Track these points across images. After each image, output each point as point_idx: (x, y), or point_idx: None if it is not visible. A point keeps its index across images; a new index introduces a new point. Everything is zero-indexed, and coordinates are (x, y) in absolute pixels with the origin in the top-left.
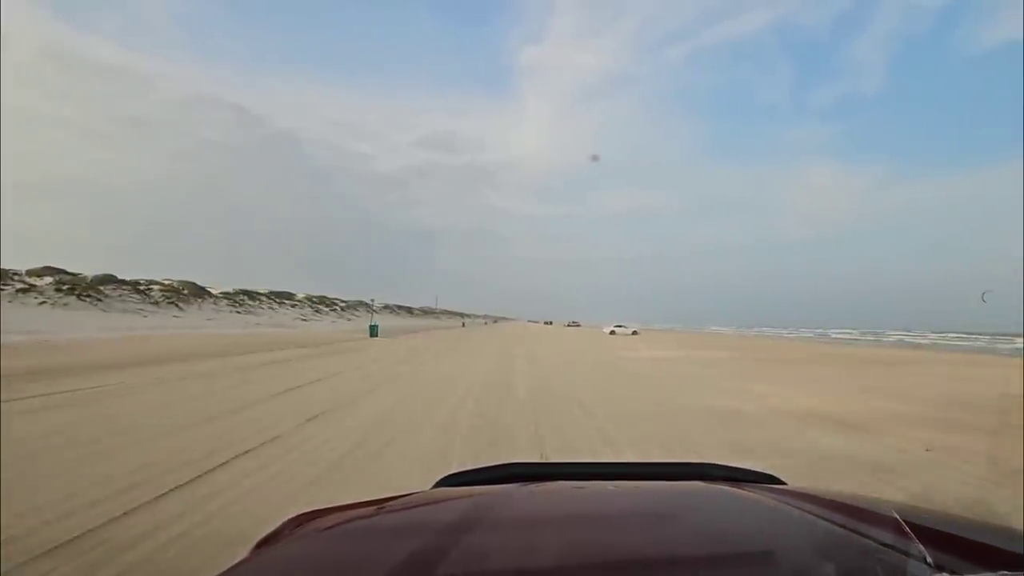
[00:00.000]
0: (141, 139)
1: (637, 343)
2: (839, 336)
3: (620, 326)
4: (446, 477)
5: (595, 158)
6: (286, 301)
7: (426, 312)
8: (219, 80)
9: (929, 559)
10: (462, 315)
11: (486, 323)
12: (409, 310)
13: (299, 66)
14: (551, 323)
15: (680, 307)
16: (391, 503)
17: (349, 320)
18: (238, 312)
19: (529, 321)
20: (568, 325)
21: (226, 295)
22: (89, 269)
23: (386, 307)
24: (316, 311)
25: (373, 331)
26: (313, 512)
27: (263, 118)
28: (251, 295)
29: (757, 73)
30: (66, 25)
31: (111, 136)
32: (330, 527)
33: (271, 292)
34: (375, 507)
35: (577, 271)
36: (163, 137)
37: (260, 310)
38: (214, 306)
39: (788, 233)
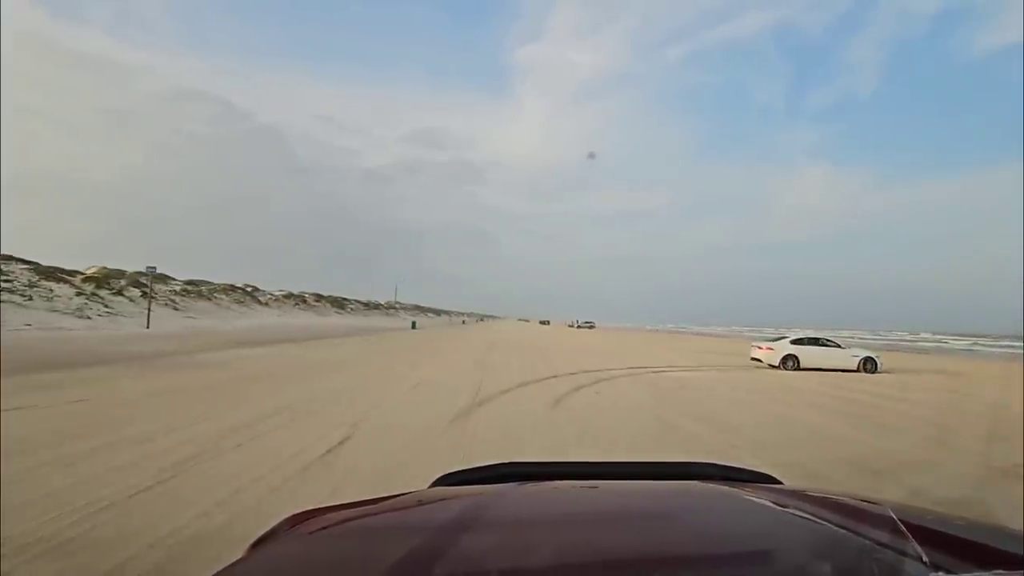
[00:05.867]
0: (122, 132)
1: None
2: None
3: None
4: (442, 476)
5: (592, 155)
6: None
7: (371, 307)
8: (204, 73)
9: (925, 558)
10: (438, 312)
11: (464, 322)
12: (341, 303)
13: (287, 60)
14: (548, 323)
15: (678, 306)
16: (387, 502)
17: (126, 317)
18: None
19: (520, 320)
20: (577, 326)
21: None
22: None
23: (290, 296)
24: (87, 300)
25: None
26: (309, 511)
27: (248, 112)
28: None
29: (756, 74)
30: (48, 13)
31: (92, 128)
32: (326, 526)
33: (44, 266)
34: (371, 506)
35: (572, 270)
36: (144, 130)
37: None
38: None
39: (786, 233)
